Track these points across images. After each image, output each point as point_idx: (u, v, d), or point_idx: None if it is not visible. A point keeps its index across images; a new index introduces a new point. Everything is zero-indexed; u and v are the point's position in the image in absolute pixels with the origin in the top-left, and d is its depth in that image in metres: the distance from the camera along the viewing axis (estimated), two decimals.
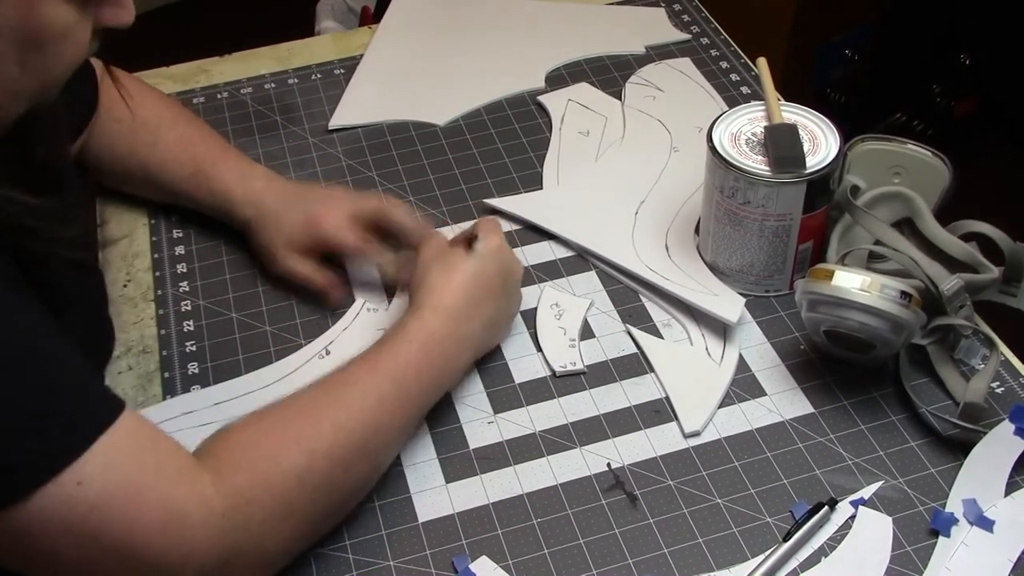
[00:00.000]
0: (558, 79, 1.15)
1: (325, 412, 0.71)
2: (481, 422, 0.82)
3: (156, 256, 0.97)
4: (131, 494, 0.61)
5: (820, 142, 0.85)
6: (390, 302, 0.91)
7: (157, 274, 0.95)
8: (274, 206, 0.92)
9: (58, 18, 0.59)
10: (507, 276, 0.84)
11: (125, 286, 0.95)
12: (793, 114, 0.88)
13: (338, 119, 1.11)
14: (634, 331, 0.88)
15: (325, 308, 0.91)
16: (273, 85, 1.16)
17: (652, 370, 0.85)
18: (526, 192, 1.02)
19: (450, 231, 0.98)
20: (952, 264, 0.83)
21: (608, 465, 0.78)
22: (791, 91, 1.02)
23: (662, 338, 0.88)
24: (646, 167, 1.03)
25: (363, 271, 0.93)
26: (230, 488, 0.65)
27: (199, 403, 0.83)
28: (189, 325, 0.90)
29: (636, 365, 0.86)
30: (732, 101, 1.10)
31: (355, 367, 0.75)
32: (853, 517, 0.74)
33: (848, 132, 0.86)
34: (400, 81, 1.16)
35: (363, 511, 0.76)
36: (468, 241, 0.83)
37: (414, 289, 0.81)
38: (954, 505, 0.74)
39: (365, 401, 0.72)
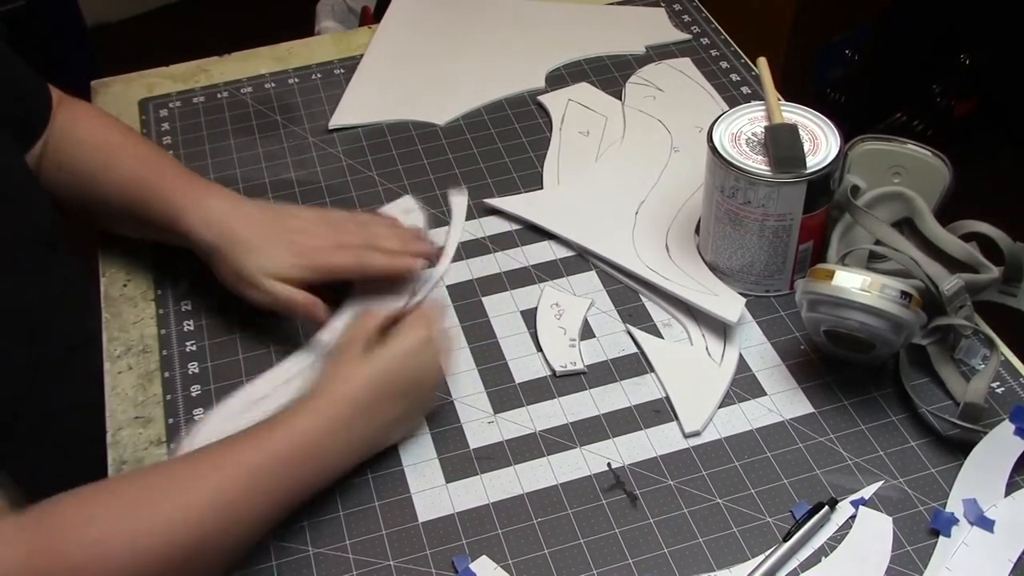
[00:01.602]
0: (558, 79, 1.15)
1: (164, 504, 0.66)
2: (481, 422, 0.82)
3: (156, 256, 0.97)
4: None
5: (820, 142, 0.85)
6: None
7: (157, 274, 0.95)
8: (247, 235, 0.85)
9: None
10: (417, 381, 0.77)
11: (125, 286, 0.95)
12: (793, 114, 0.88)
13: (338, 119, 1.11)
14: (634, 331, 0.88)
15: (307, 326, 0.87)
16: (273, 85, 1.16)
17: (652, 370, 0.85)
18: (526, 192, 1.02)
19: (451, 231, 0.98)
20: (952, 264, 0.83)
21: (608, 465, 0.78)
22: (791, 91, 1.02)
23: (662, 338, 0.88)
24: (646, 167, 1.03)
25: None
26: (41, 567, 0.61)
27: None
28: (189, 325, 0.90)
29: (636, 365, 0.86)
30: (732, 101, 1.10)
31: (213, 454, 0.70)
32: (853, 517, 0.74)
33: (848, 132, 0.86)
34: (400, 81, 1.16)
35: (363, 511, 0.76)
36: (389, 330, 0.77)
37: (322, 366, 0.78)
38: (954, 505, 0.74)
39: (216, 498, 0.67)
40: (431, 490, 0.78)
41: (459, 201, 1.00)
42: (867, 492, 0.76)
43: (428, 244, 0.91)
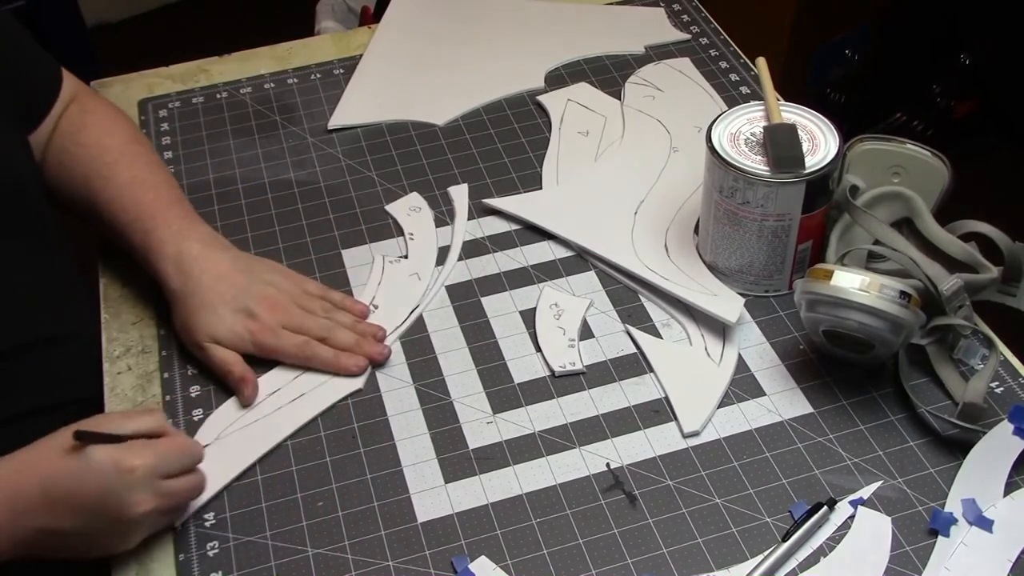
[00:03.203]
0: (558, 79, 1.15)
1: None
2: (480, 422, 0.82)
3: None
4: None
5: (819, 142, 0.85)
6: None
7: None
8: (206, 291, 0.85)
9: None
10: (103, 504, 0.68)
11: (125, 286, 0.95)
12: (793, 114, 0.88)
13: (338, 119, 1.11)
14: (633, 331, 0.88)
15: (239, 400, 0.84)
16: (273, 85, 1.16)
17: (651, 370, 0.85)
18: (526, 192, 1.02)
19: (450, 231, 0.98)
20: (951, 264, 0.83)
21: (607, 465, 0.78)
22: (791, 91, 1.02)
23: (661, 338, 0.88)
24: (646, 167, 1.03)
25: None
26: None
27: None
28: None
29: (635, 365, 0.86)
30: (732, 101, 1.10)
31: None
32: (852, 517, 0.74)
33: (848, 132, 0.86)
34: (400, 81, 1.16)
35: (363, 511, 0.76)
36: (91, 437, 0.69)
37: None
38: (953, 505, 0.74)
39: None
40: (430, 490, 0.78)
41: (460, 193, 1.00)
42: (866, 492, 0.76)
43: (381, 348, 0.86)
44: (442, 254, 0.96)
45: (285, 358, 0.85)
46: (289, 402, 0.83)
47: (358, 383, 0.85)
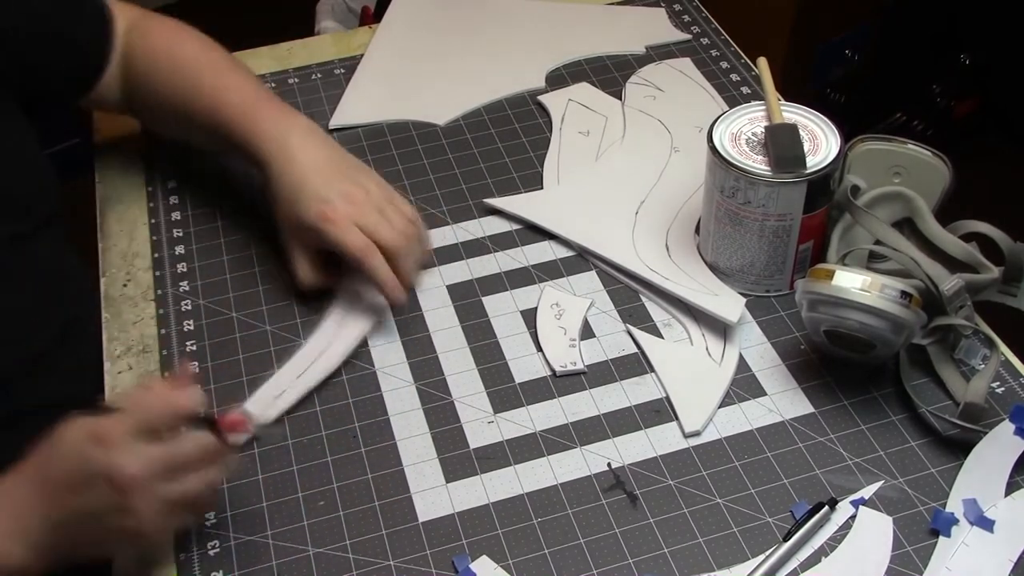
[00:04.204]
0: (558, 79, 1.15)
1: None
2: (481, 422, 0.82)
3: (156, 256, 0.97)
4: None
5: (820, 142, 0.85)
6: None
7: (157, 274, 0.95)
8: (297, 179, 0.87)
9: None
10: (88, 478, 0.64)
11: (125, 286, 0.95)
12: (793, 114, 0.88)
13: (338, 119, 1.11)
14: (634, 331, 0.88)
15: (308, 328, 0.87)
16: (273, 85, 1.16)
17: (652, 370, 0.85)
18: (526, 192, 1.02)
19: (450, 231, 0.98)
20: (952, 264, 0.83)
21: (608, 465, 0.78)
22: (791, 91, 1.02)
23: (662, 338, 0.88)
24: (646, 167, 1.03)
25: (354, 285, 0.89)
26: None
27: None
28: (189, 325, 0.90)
29: (636, 365, 0.86)
30: (732, 101, 1.10)
31: None
32: (853, 517, 0.74)
33: (848, 132, 0.86)
34: (400, 81, 1.16)
35: (363, 511, 0.76)
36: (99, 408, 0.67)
37: None
38: (954, 505, 0.74)
39: None
40: (431, 490, 0.78)
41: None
42: (867, 492, 0.76)
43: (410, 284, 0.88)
44: (442, 254, 0.96)
45: (346, 253, 0.86)
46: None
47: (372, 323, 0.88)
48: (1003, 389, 0.82)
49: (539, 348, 0.87)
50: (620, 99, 1.12)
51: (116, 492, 0.64)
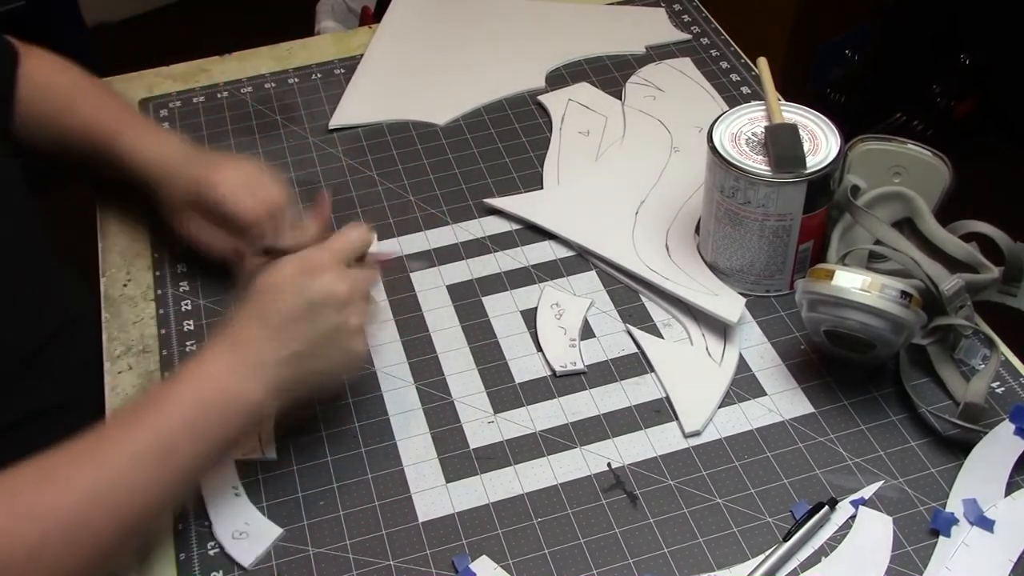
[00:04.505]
0: (558, 79, 1.15)
1: (69, 477, 0.64)
2: (481, 422, 0.82)
3: (156, 256, 0.97)
4: None
5: (820, 142, 0.85)
6: None
7: (157, 274, 0.95)
8: (175, 165, 0.90)
9: None
10: (317, 304, 0.72)
11: (125, 286, 0.95)
12: (793, 114, 0.88)
13: (338, 119, 1.11)
14: (634, 331, 0.88)
15: (235, 281, 0.86)
16: (273, 85, 1.16)
17: (652, 370, 0.85)
18: (526, 192, 1.02)
19: (450, 231, 0.98)
20: (952, 264, 0.83)
21: (608, 465, 0.78)
22: (791, 91, 1.02)
23: (662, 338, 0.88)
24: (646, 167, 1.03)
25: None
26: None
27: None
28: (189, 325, 0.90)
29: (636, 365, 0.86)
30: (732, 101, 1.10)
31: (115, 420, 0.69)
32: (853, 517, 0.74)
33: (848, 132, 0.86)
34: (400, 81, 1.16)
35: (363, 511, 0.76)
36: (277, 252, 0.75)
37: None
38: (954, 505, 0.74)
39: (118, 459, 0.66)
40: (431, 490, 0.78)
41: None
42: (867, 492, 0.76)
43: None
44: (442, 254, 0.96)
45: (239, 214, 0.85)
46: None
47: None
48: (1003, 389, 0.82)
49: (539, 348, 0.87)
50: (620, 99, 1.12)
51: (337, 313, 0.72)
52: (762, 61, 0.95)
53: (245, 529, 0.75)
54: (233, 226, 0.86)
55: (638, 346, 0.87)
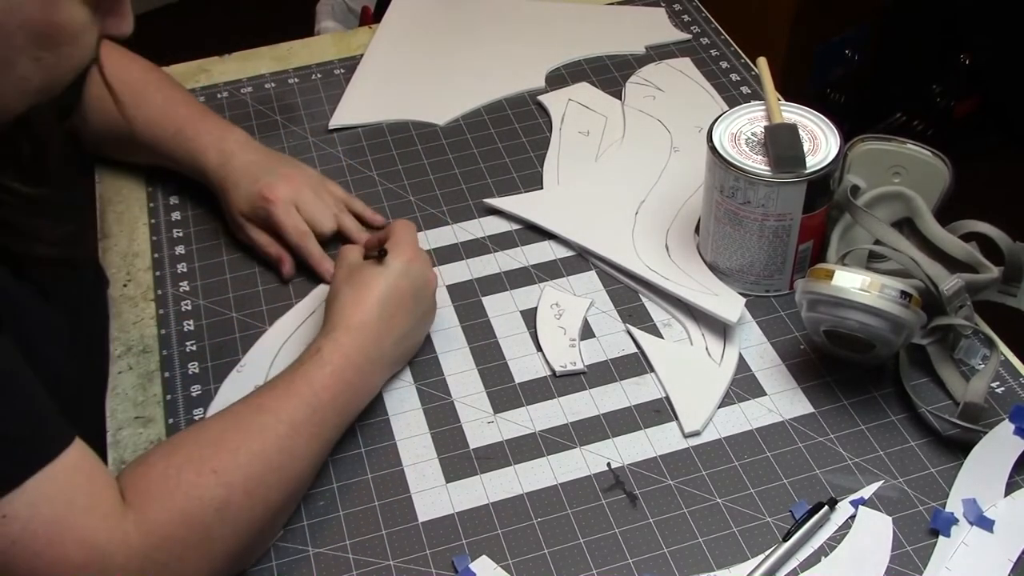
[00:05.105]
0: (558, 79, 1.15)
1: (241, 441, 0.70)
2: (481, 422, 0.82)
3: (156, 256, 0.97)
4: (55, 532, 0.61)
5: (820, 142, 0.85)
6: None
7: (157, 274, 0.95)
8: (236, 173, 0.95)
9: (75, 19, 0.60)
10: (419, 290, 0.83)
11: (125, 286, 0.95)
12: (793, 114, 0.88)
13: (338, 119, 1.11)
14: (634, 331, 0.88)
15: (283, 279, 0.94)
16: (273, 85, 1.16)
17: (652, 370, 0.85)
18: (526, 192, 1.02)
19: (450, 231, 0.98)
20: (952, 264, 0.83)
21: (608, 465, 0.78)
22: (791, 91, 1.02)
23: (662, 338, 0.88)
24: (646, 167, 1.03)
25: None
26: (151, 525, 0.64)
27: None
28: (189, 325, 0.90)
29: (636, 365, 0.86)
30: (732, 101, 1.10)
31: (269, 393, 0.74)
32: (853, 517, 0.74)
33: (848, 132, 0.86)
34: (400, 81, 1.16)
35: (363, 511, 0.76)
36: (380, 252, 0.82)
37: (328, 308, 0.81)
38: (954, 505, 0.74)
39: (280, 428, 0.72)
40: (431, 490, 0.78)
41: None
42: (867, 492, 0.76)
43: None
44: (442, 254, 0.96)
45: (284, 234, 0.94)
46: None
47: None
48: (1003, 389, 0.82)
49: (539, 348, 0.87)
50: (620, 99, 1.12)
51: (432, 295, 0.85)
52: (762, 61, 0.95)
53: None
54: (282, 240, 0.94)
55: (638, 346, 0.87)
